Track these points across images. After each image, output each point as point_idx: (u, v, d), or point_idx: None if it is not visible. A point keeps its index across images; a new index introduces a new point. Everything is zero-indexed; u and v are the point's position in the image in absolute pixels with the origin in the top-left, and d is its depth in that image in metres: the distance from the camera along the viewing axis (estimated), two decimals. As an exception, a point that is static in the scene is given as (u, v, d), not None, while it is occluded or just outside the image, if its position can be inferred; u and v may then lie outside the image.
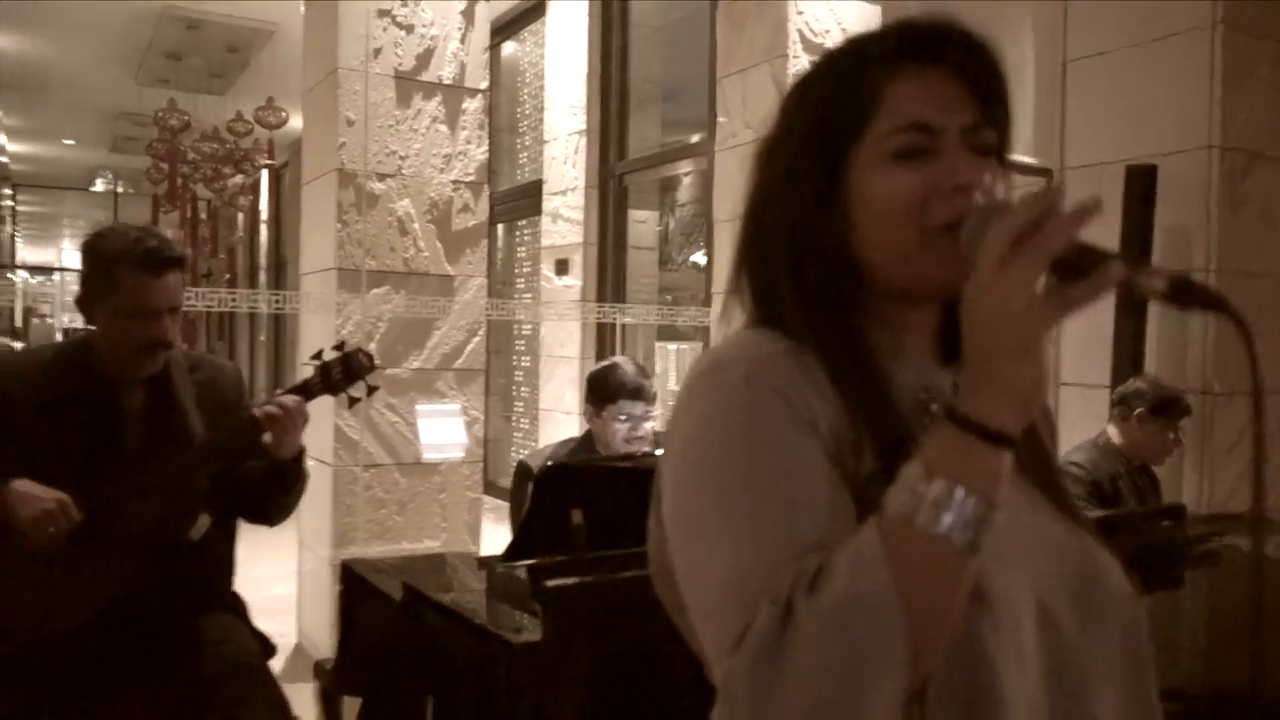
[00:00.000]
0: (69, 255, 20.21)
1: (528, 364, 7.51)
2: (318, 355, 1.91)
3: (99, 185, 15.28)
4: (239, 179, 8.40)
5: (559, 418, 6.44)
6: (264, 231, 10.95)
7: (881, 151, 0.76)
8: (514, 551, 1.81)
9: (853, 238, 0.77)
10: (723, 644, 0.65)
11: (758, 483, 0.70)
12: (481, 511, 4.22)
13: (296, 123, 8.45)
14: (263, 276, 11.60)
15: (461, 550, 3.86)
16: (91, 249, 1.77)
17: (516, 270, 7.73)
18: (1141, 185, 3.40)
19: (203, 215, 9.08)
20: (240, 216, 9.17)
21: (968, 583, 0.65)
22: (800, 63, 4.13)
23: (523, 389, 7.62)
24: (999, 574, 0.71)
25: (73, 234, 19.57)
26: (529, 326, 7.36)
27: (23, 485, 1.64)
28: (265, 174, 8.52)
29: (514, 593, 1.55)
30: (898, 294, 0.78)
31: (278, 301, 4.15)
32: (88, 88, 9.05)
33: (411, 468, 3.97)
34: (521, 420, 7.65)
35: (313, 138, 4.17)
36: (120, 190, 14.93)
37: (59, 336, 17.11)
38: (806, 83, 0.82)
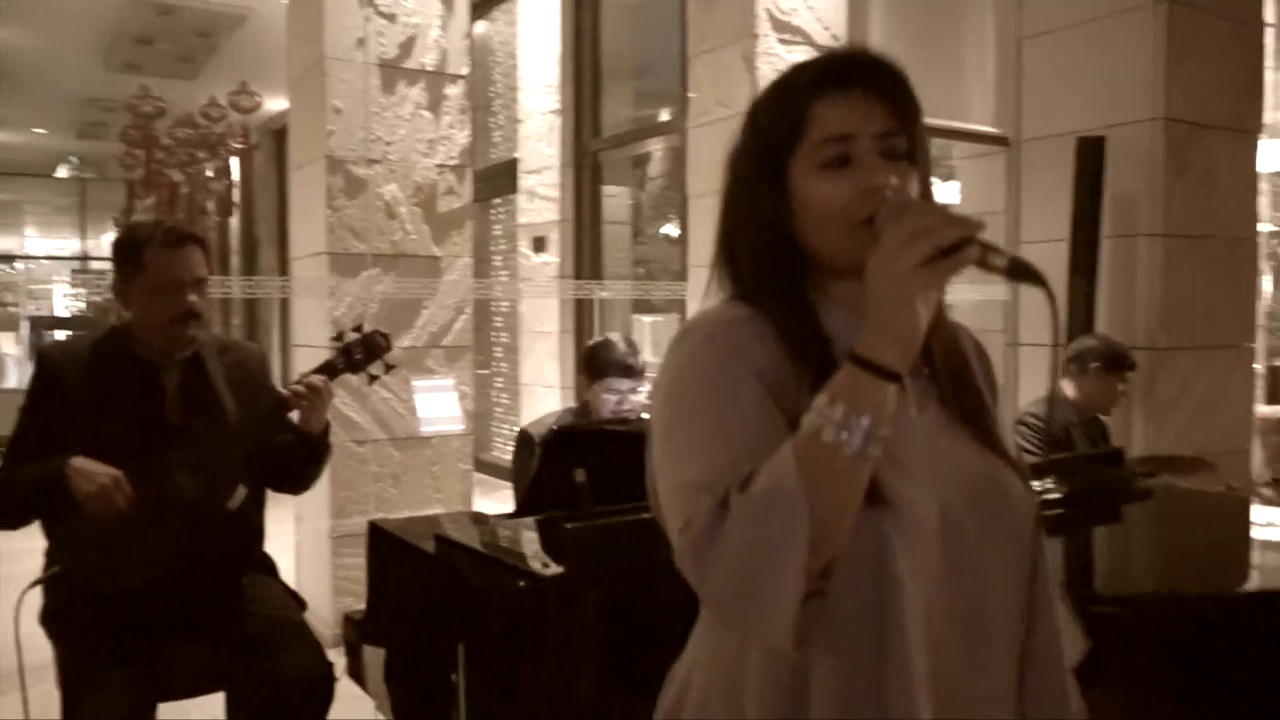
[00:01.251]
0: (32, 243, 19.98)
1: (506, 340, 7.65)
2: (339, 337, 2.08)
3: (63, 172, 15.14)
4: (214, 164, 8.45)
5: (540, 392, 6.60)
6: (236, 215, 10.98)
7: (812, 162, 0.96)
8: (524, 510, 2.00)
9: (796, 228, 0.98)
10: (677, 528, 0.86)
11: (710, 416, 0.91)
12: (473, 483, 4.40)
13: (270, 107, 8.51)
14: (234, 260, 11.63)
15: (459, 518, 4.02)
16: (120, 241, 1.96)
17: (493, 248, 7.85)
18: (1091, 155, 3.62)
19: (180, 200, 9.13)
20: (213, 202, 9.21)
21: (861, 485, 0.84)
22: (769, 42, 4.29)
23: (502, 364, 7.76)
24: (906, 486, 0.90)
25: (36, 221, 19.35)
26: (506, 303, 7.50)
27: (80, 462, 1.81)
28: (236, 159, 8.56)
29: (533, 540, 1.75)
30: (832, 270, 0.99)
31: (269, 288, 4.28)
32: (55, 73, 9.02)
33: (405, 442, 4.14)
34: (502, 395, 7.81)
35: (300, 125, 4.29)
36: (87, 176, 14.81)
37: (24, 325, 16.98)
38: (757, 106, 1.03)
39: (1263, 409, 4.96)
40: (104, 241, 16.16)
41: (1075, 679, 1.03)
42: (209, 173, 8.96)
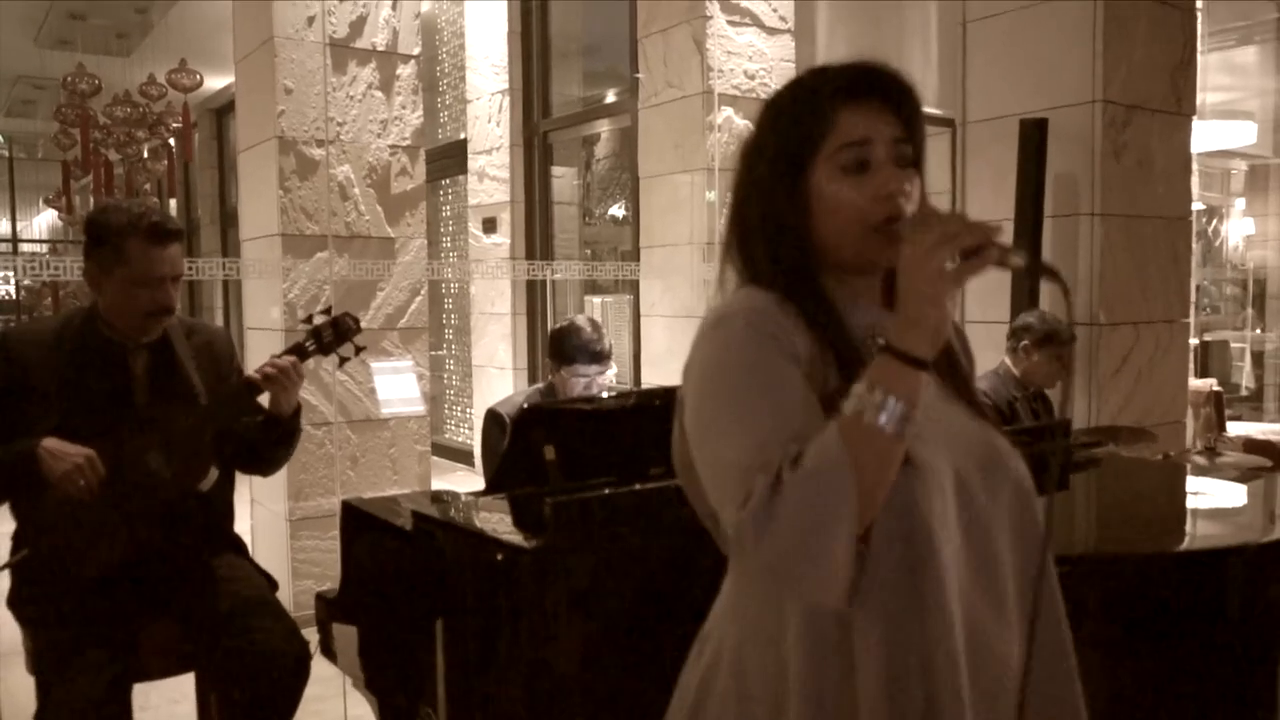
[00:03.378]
0: (-42, 225, 19.26)
1: (457, 322, 7.63)
2: (308, 319, 2.09)
3: (-11, 151, 14.64)
4: (153, 143, 8.24)
5: (492, 373, 6.60)
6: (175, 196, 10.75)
7: (832, 165, 1.03)
8: (494, 487, 2.03)
9: (812, 226, 1.05)
10: (734, 506, 0.92)
11: (755, 396, 0.98)
12: (430, 464, 4.41)
13: (210, 85, 8.33)
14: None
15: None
16: (98, 224, 1.92)
17: (442, 229, 7.81)
18: (1034, 136, 3.73)
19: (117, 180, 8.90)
20: (153, 182, 9.00)
21: (897, 460, 0.93)
22: (719, 23, 4.33)
23: (454, 346, 7.74)
24: (926, 452, 1.00)
25: (-39, 202, 18.67)
26: (457, 285, 7.47)
27: (51, 443, 1.81)
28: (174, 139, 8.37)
29: (509, 515, 1.79)
30: (840, 266, 1.07)
31: (225, 269, 4.22)
32: (-18, 50, 8.73)
33: (361, 424, 4.14)
34: (454, 378, 7.79)
35: (248, 106, 4.23)
36: (15, 156, 14.33)
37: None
38: (777, 105, 1.09)
39: (1194, 382, 5.17)
40: (34, 224, 15.68)
41: None
42: (145, 153, 8.75)
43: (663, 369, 4.55)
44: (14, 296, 14.50)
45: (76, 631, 1.86)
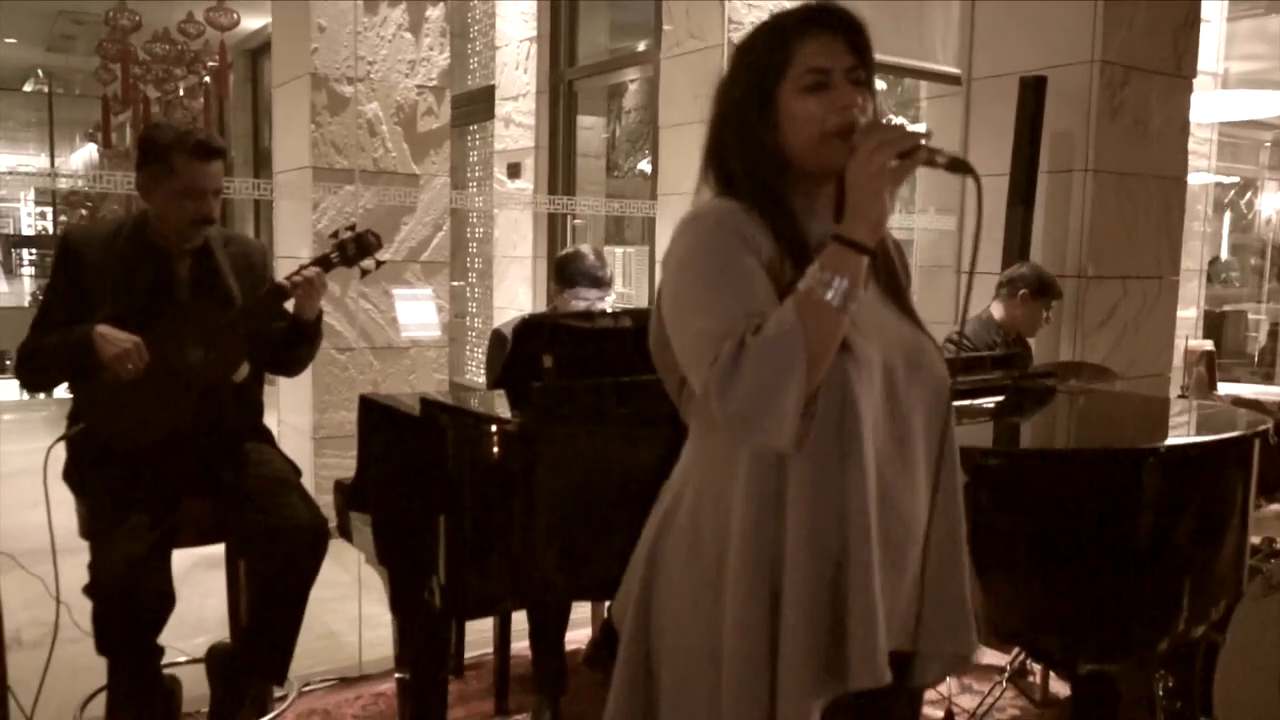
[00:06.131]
0: (-1, 158, 19.55)
1: (480, 266, 7.83)
2: (335, 234, 2.31)
3: (29, 86, 14.90)
4: (189, 81, 8.46)
5: (513, 315, 6.80)
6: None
7: (796, 87, 1.22)
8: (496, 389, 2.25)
9: (781, 140, 1.24)
10: (703, 366, 1.13)
11: (723, 279, 1.18)
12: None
13: (247, 24, 8.50)
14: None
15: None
16: (150, 140, 2.16)
17: (468, 174, 7.99)
18: (1033, 94, 3.85)
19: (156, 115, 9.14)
20: (189, 120, 9.22)
21: (841, 330, 1.13)
22: (741, -25, 4.46)
23: (476, 289, 7.95)
24: (861, 341, 1.20)
25: (1, 136, 19.00)
26: (481, 229, 7.66)
27: (104, 329, 2.05)
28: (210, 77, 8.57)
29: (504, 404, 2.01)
30: (809, 175, 1.26)
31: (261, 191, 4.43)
32: (25, -16, 8.93)
33: (383, 351, 4.37)
34: (475, 320, 8.01)
35: (283, 43, 4.42)
36: (55, 91, 14.58)
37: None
38: (748, 44, 1.29)
39: (1191, 342, 5.30)
40: (72, 159, 15.98)
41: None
42: (181, 90, 8.97)
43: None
44: (51, 232, 14.83)
45: (122, 500, 2.10)
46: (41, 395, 6.70)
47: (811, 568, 1.18)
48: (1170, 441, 2.08)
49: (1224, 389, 5.28)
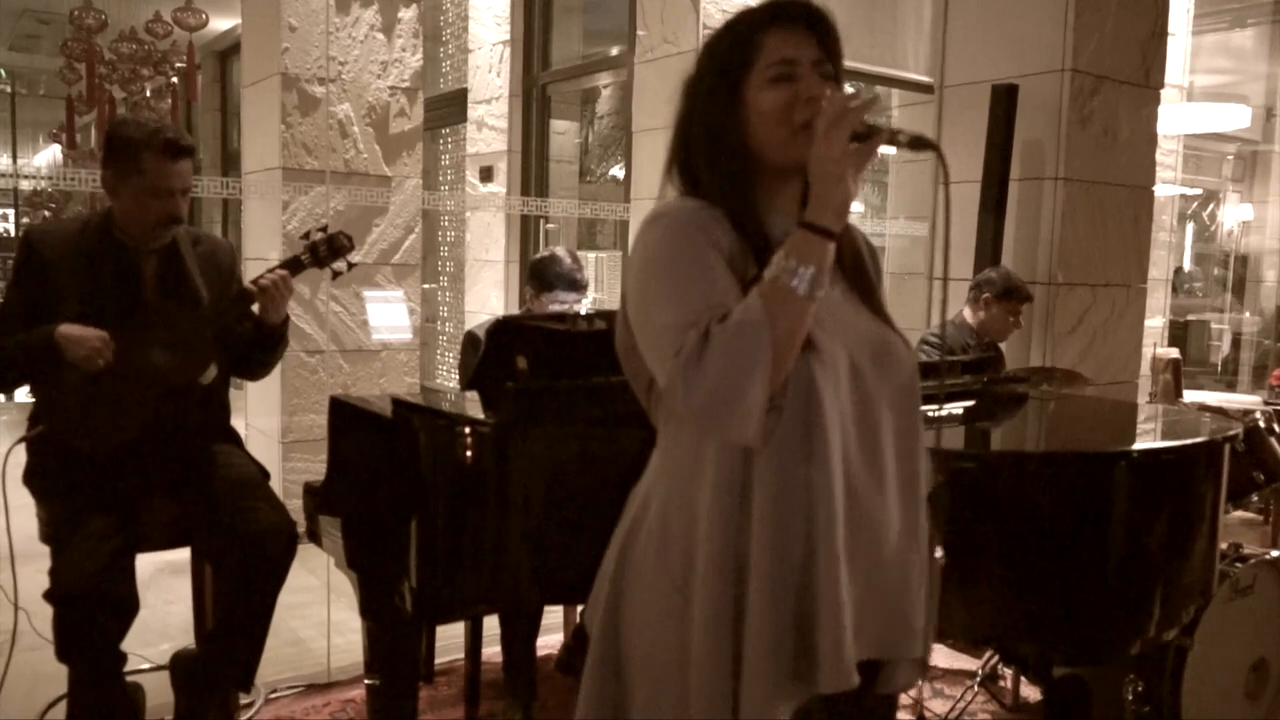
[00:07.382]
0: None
1: (452, 270, 7.79)
2: (306, 235, 2.27)
3: (-8, 86, 14.63)
4: (156, 82, 8.34)
5: (485, 320, 6.76)
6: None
7: (763, 79, 1.21)
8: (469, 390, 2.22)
9: (748, 134, 1.22)
10: (668, 359, 1.11)
11: (686, 274, 1.16)
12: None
13: (216, 25, 8.41)
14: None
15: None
16: (117, 136, 2.11)
17: (441, 177, 7.95)
18: (1004, 102, 3.89)
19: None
20: (162, 119, 9.08)
21: (807, 318, 1.11)
22: (716, -21, 4.47)
23: (447, 293, 7.91)
24: (826, 339, 1.18)
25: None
26: (453, 233, 7.62)
27: (66, 328, 2.00)
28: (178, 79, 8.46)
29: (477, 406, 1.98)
30: (776, 171, 1.24)
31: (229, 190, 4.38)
32: (-12, -18, 8.78)
33: (354, 354, 4.33)
34: (447, 324, 7.96)
35: (253, 42, 4.37)
36: (18, 91, 14.34)
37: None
38: (715, 40, 1.28)
39: (1159, 350, 5.36)
40: (35, 161, 15.72)
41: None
42: (148, 91, 8.85)
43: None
44: (12, 235, 14.57)
45: (84, 504, 2.06)
46: (2, 398, 6.59)
47: (777, 567, 1.17)
48: (1142, 446, 2.09)
49: (1189, 396, 5.35)
